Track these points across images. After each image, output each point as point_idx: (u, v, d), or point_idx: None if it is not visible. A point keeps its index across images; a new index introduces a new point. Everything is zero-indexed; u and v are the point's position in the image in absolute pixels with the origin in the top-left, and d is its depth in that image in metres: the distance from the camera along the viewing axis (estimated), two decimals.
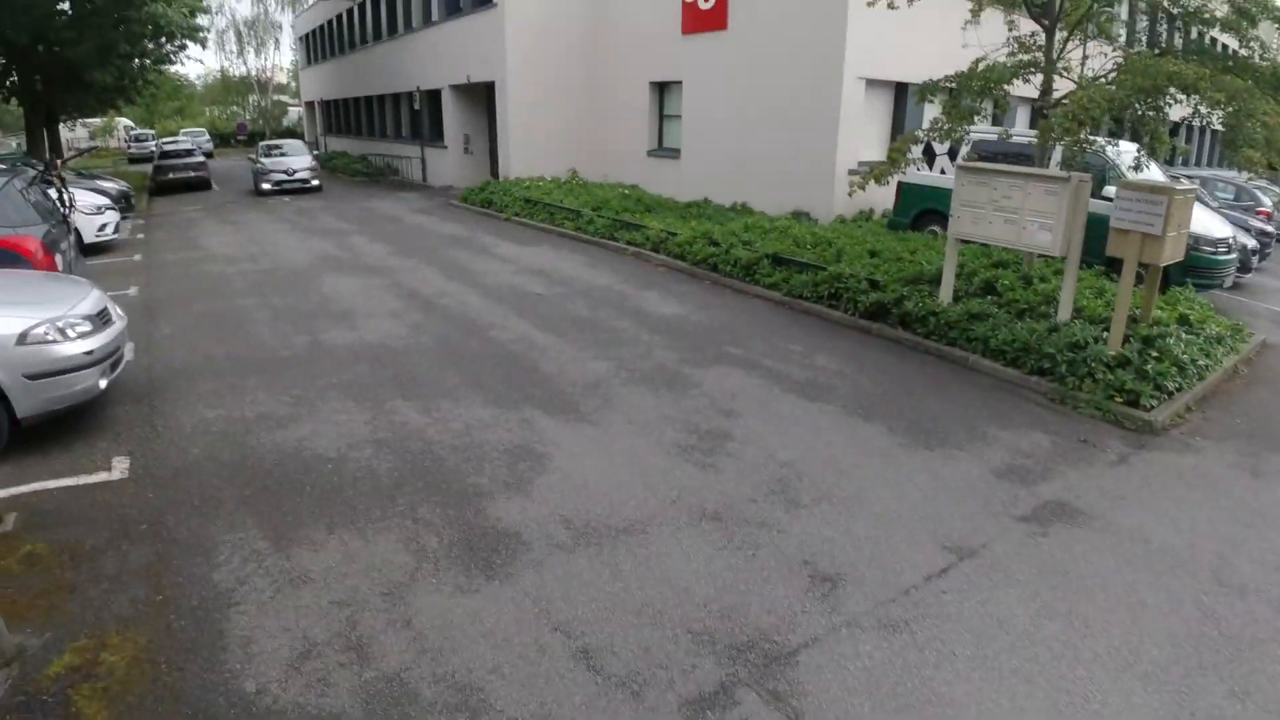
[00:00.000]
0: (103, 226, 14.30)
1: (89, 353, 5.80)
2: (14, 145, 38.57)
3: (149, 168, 29.09)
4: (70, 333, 5.77)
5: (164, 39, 23.31)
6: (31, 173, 8.95)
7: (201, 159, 27.47)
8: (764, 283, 10.50)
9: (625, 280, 11.17)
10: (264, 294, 10.39)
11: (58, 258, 8.30)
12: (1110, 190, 9.43)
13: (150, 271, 12.36)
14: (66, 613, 3.85)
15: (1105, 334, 7.34)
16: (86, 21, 21.35)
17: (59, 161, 9.35)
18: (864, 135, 15.85)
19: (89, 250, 13.95)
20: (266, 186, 23.17)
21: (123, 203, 19.11)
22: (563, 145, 21.21)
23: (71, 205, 9.58)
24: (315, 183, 23.84)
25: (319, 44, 41.27)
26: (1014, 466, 5.56)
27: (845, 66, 14.74)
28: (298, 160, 24.06)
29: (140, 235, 16.51)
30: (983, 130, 11.74)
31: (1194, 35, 14.69)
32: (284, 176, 23.27)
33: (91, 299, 6.32)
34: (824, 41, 14.95)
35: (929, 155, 13.02)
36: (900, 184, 13.09)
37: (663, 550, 4.36)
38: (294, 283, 11.05)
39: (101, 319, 6.18)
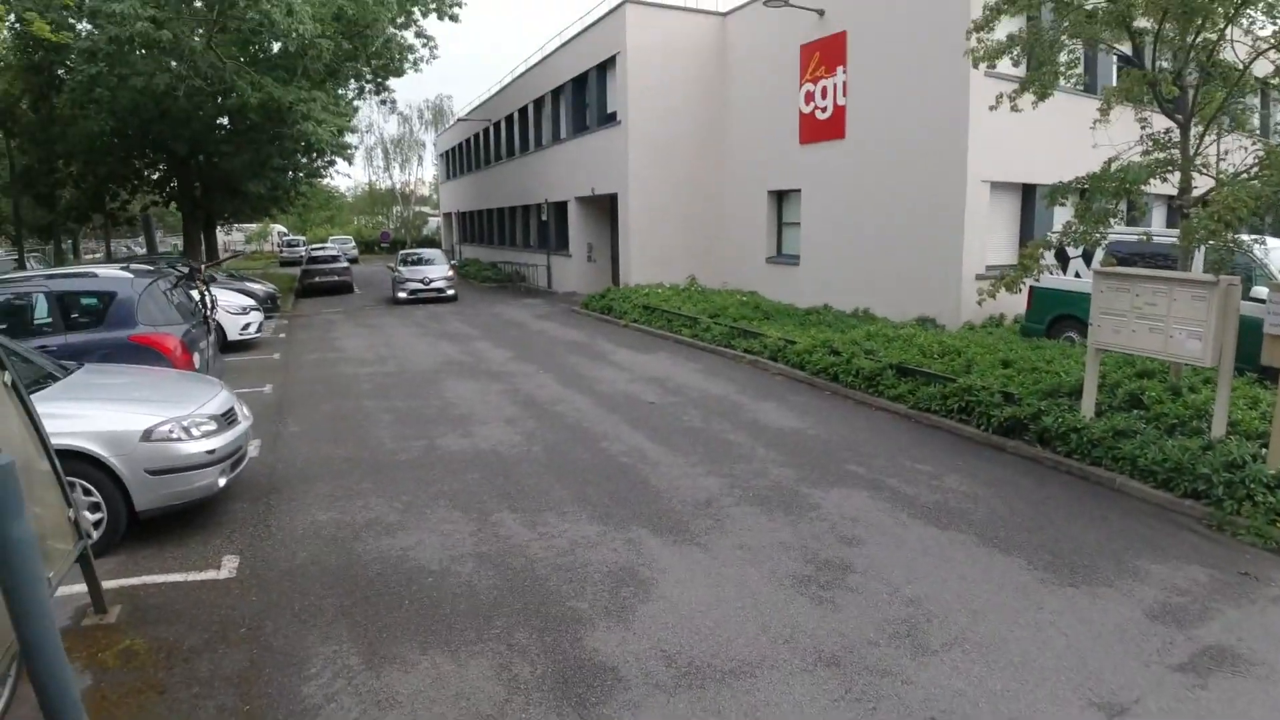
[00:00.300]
0: (246, 326, 15.27)
1: (210, 452, 5.96)
2: (172, 247, 42.38)
3: (298, 271, 31.36)
4: (194, 431, 5.95)
5: (314, 155, 25.38)
6: (175, 274, 9.60)
7: (345, 265, 29.37)
8: (888, 395, 10.01)
9: (741, 389, 10.92)
10: (388, 396, 10.70)
11: (195, 356, 8.79)
12: (1260, 291, 8.63)
13: (286, 370, 13.00)
14: (154, 715, 3.77)
15: (1264, 450, 6.51)
16: (243, 136, 23.57)
17: (202, 265, 9.99)
18: (990, 239, 15.38)
19: (233, 347, 14.93)
20: (403, 295, 23.82)
21: (268, 303, 20.54)
22: (681, 253, 21.53)
23: (213, 307, 10.21)
24: (450, 292, 24.24)
25: (457, 160, 44.18)
26: (1168, 606, 4.85)
27: (969, 170, 14.47)
28: (434, 270, 24.53)
29: (282, 335, 17.57)
30: (1120, 232, 11.07)
31: None
32: (420, 286, 23.94)
33: (219, 399, 6.56)
34: (945, 145, 14.74)
35: (1062, 258, 12.35)
36: (1032, 289, 12.50)
37: (772, 698, 3.93)
38: (417, 386, 11.36)
39: (227, 419, 6.38)
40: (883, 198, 16.31)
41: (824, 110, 17.87)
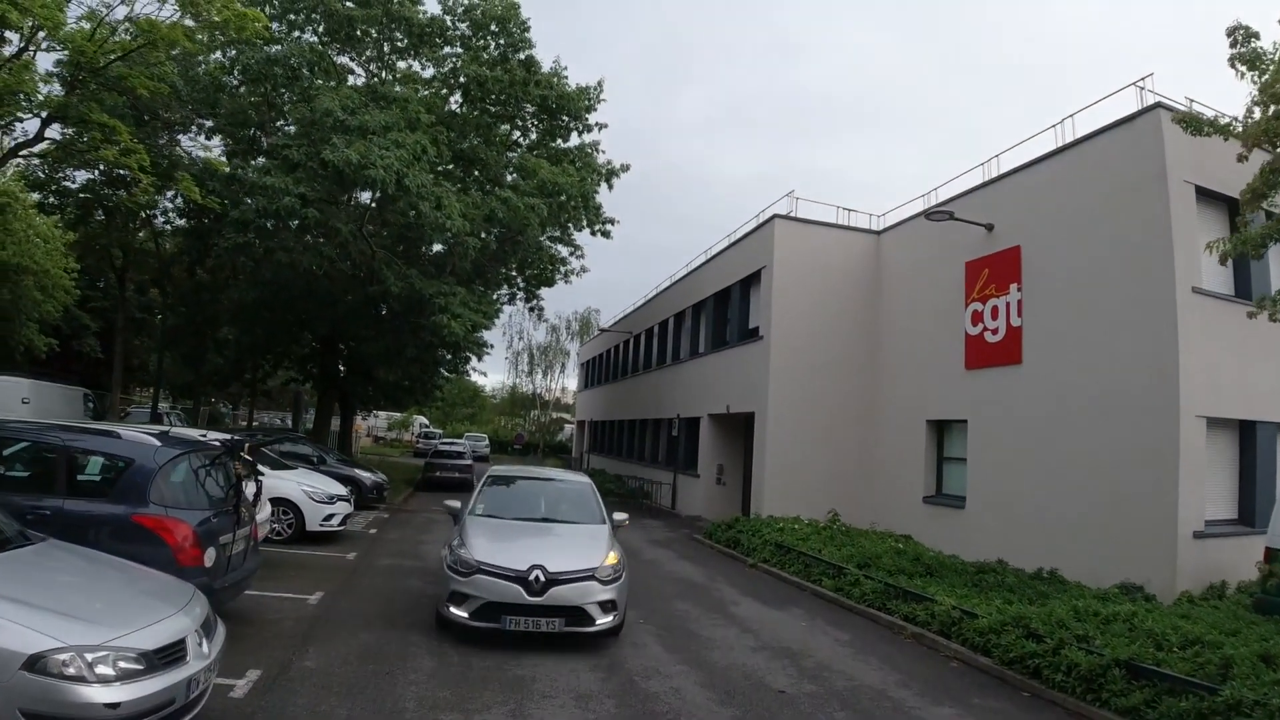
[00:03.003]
0: (329, 517, 13.79)
1: (113, 706, 4.15)
2: (278, 422, 43.15)
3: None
4: (102, 669, 4.20)
5: (449, 349, 25.14)
6: (216, 449, 8.09)
7: (469, 462, 28.46)
8: (1116, 705, 6.99)
9: (906, 680, 8.02)
10: (445, 633, 8.43)
11: (209, 552, 7.03)
12: None
13: (352, 576, 11.19)
14: None
15: None
16: (382, 323, 23.61)
17: (247, 444, 8.49)
18: (1211, 488, 12.38)
19: (310, 538, 13.42)
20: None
21: (374, 493, 19.41)
22: (823, 484, 18.97)
23: (258, 496, 8.61)
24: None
25: (597, 370, 44.31)
26: None
27: (1181, 404, 11.78)
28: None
29: (374, 530, 16.04)
30: None
31: None
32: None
33: (168, 625, 4.78)
34: (1149, 375, 12.30)
35: None
36: (1270, 550, 9.82)
37: None
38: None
39: (165, 656, 4.55)
40: (1071, 435, 13.59)
41: (995, 332, 15.67)
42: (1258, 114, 6.30)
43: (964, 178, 17.53)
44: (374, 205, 20.76)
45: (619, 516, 9.81)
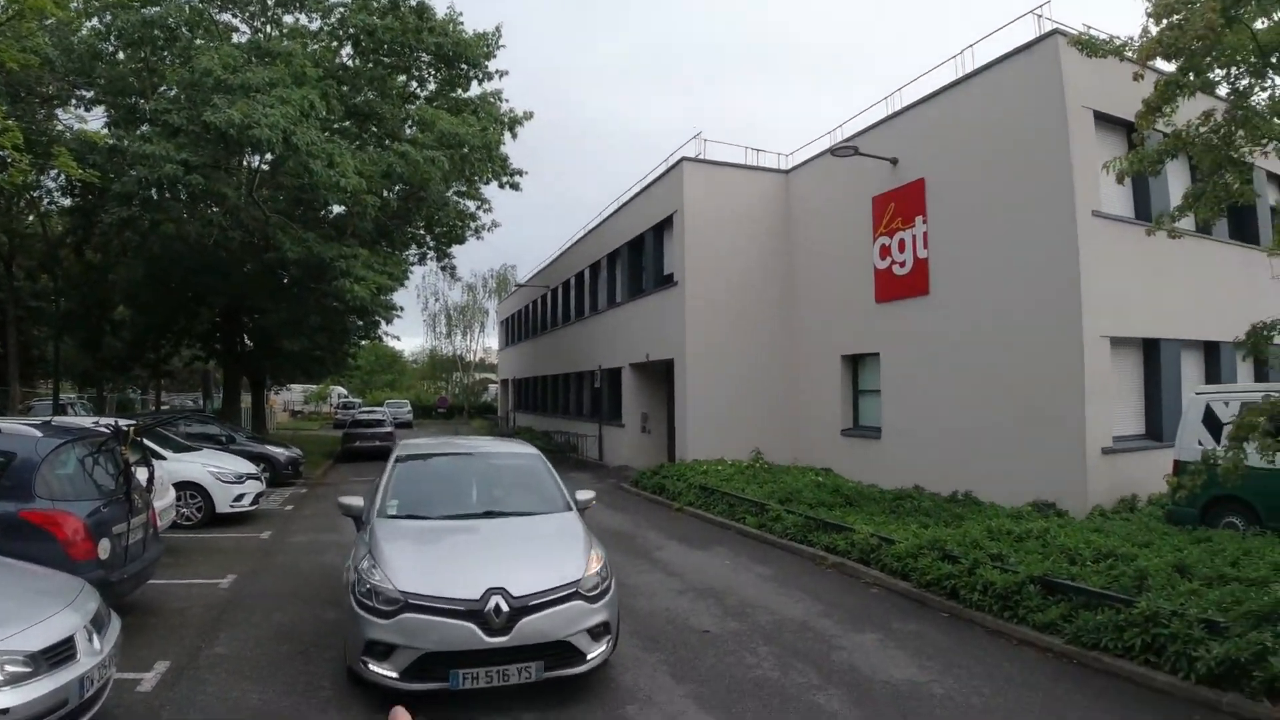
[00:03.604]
0: (239, 497, 13.29)
1: (2, 711, 3.93)
2: (189, 403, 41.74)
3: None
4: None
5: (357, 315, 24.37)
6: (101, 435, 7.61)
7: (390, 429, 27.85)
8: (1033, 621, 7.21)
9: (828, 610, 8.17)
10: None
11: (103, 544, 6.64)
12: None
13: (265, 556, 10.80)
14: None
15: None
16: (282, 292, 22.71)
17: (130, 427, 8.01)
18: (1117, 406, 12.85)
19: (220, 521, 12.93)
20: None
21: (289, 469, 18.85)
22: (746, 425, 19.17)
23: (151, 481, 8.16)
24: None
25: (516, 327, 43.78)
26: None
27: (1085, 326, 12.14)
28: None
29: (289, 507, 15.57)
30: None
31: None
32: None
33: (56, 624, 4.46)
34: (1054, 299, 12.61)
35: (1212, 425, 9.83)
36: (1178, 463, 9.99)
37: None
38: None
39: (52, 656, 4.26)
40: (979, 361, 13.95)
41: (902, 265, 15.92)
42: (1153, 29, 6.33)
43: (869, 112, 17.71)
44: (264, 168, 19.73)
45: (583, 495, 7.39)
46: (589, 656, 5.66)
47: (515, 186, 24.12)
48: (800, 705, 5.69)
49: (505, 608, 5.31)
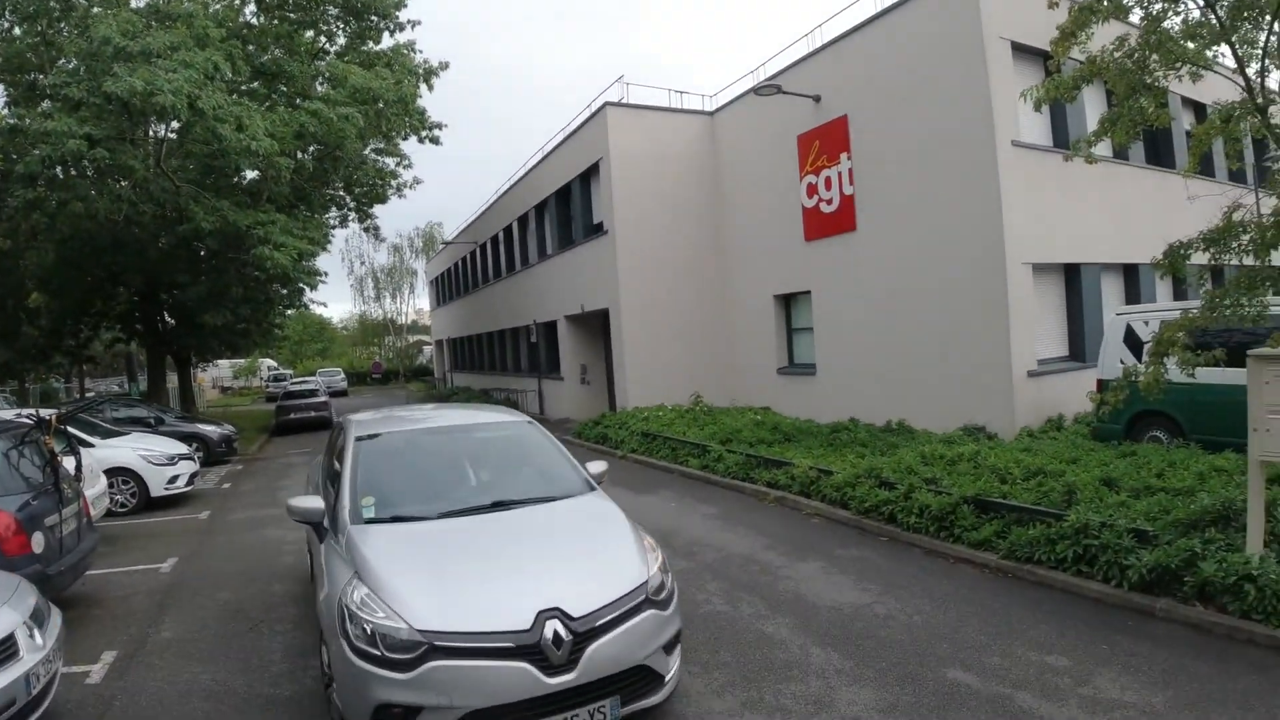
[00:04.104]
0: (174, 479, 12.95)
1: None
2: (115, 388, 40.46)
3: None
4: None
5: (279, 284, 23.65)
6: (24, 427, 7.34)
7: (324, 399, 27.35)
8: (969, 540, 7.54)
9: (772, 543, 8.40)
10: (307, 577, 8.12)
11: (36, 537, 6.46)
12: None
13: (205, 536, 10.56)
14: None
15: None
16: (200, 265, 21.88)
17: (52, 416, 7.73)
18: (1038, 329, 13.30)
19: (156, 505, 12.63)
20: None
21: (222, 447, 18.38)
22: (684, 370, 19.33)
23: (79, 469, 7.92)
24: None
25: (446, 286, 43.01)
26: None
27: (1007, 253, 12.48)
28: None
29: (226, 485, 15.20)
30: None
31: None
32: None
33: None
34: (976, 229, 12.88)
35: (1133, 344, 10.29)
36: (1101, 382, 10.44)
37: None
38: None
39: None
40: (906, 293, 14.26)
41: (829, 202, 16.08)
42: None
43: (792, 49, 17.60)
44: (171, 136, 18.79)
45: (595, 467, 6.09)
46: (667, 678, 4.44)
47: (435, 140, 23.48)
48: (750, 635, 5.87)
49: (566, 634, 4.01)
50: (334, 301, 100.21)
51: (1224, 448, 8.61)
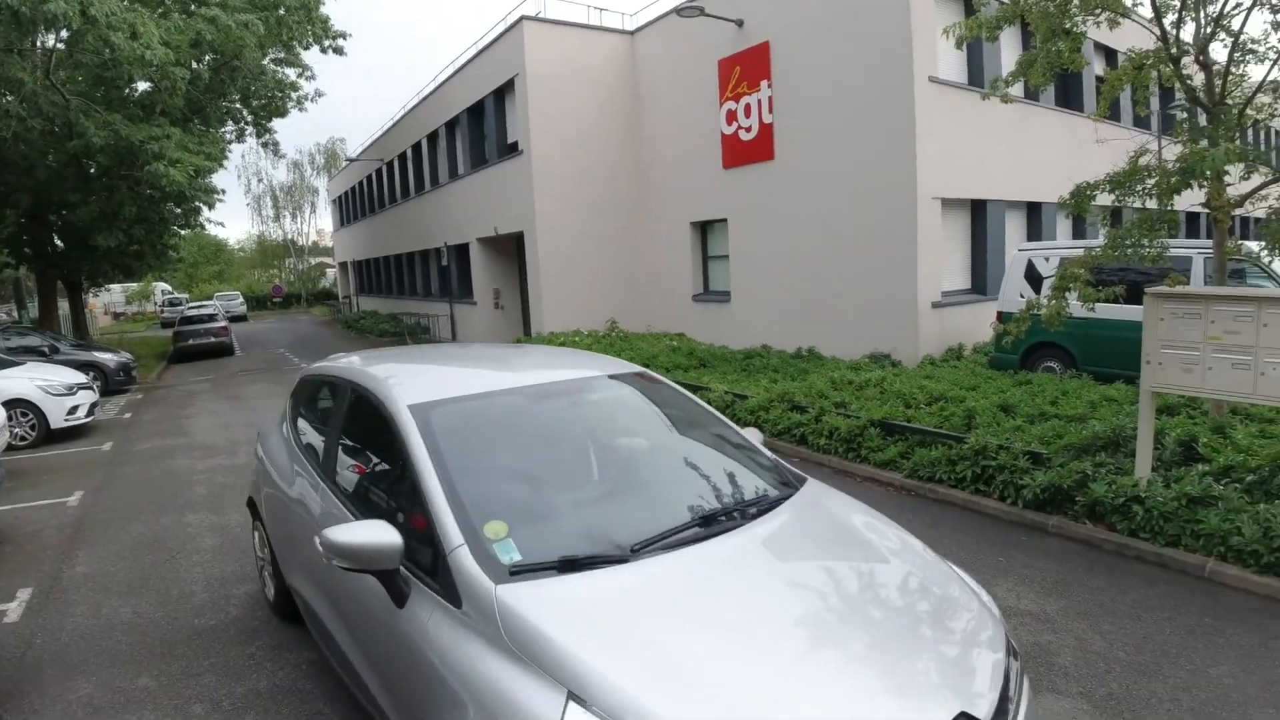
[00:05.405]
0: (73, 409, 12.38)
1: None
2: (3, 315, 38.17)
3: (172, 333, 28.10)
4: None
5: (175, 203, 22.38)
6: None
7: (223, 324, 26.41)
8: (875, 460, 7.98)
9: None
10: (222, 506, 8.04)
11: None
12: None
13: (110, 468, 10.19)
14: None
15: None
16: (92, 184, 20.48)
17: None
18: (946, 262, 13.79)
19: (57, 437, 12.12)
20: None
21: (120, 375, 17.60)
22: (600, 295, 19.35)
23: None
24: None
25: (351, 205, 41.33)
26: None
27: (918, 187, 12.83)
28: None
29: (128, 414, 14.60)
30: (1188, 244, 9.61)
31: None
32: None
33: None
34: (890, 162, 13.14)
35: (1033, 279, 10.87)
36: (1001, 314, 10.99)
37: None
38: None
39: None
40: (820, 223, 14.56)
41: (748, 130, 16.11)
42: None
43: None
44: (60, 46, 17.27)
45: (751, 434, 4.08)
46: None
47: (340, 51, 22.34)
48: None
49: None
50: (231, 222, 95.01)
51: (1114, 379, 9.20)
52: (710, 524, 3.12)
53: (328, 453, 4.20)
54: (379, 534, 2.81)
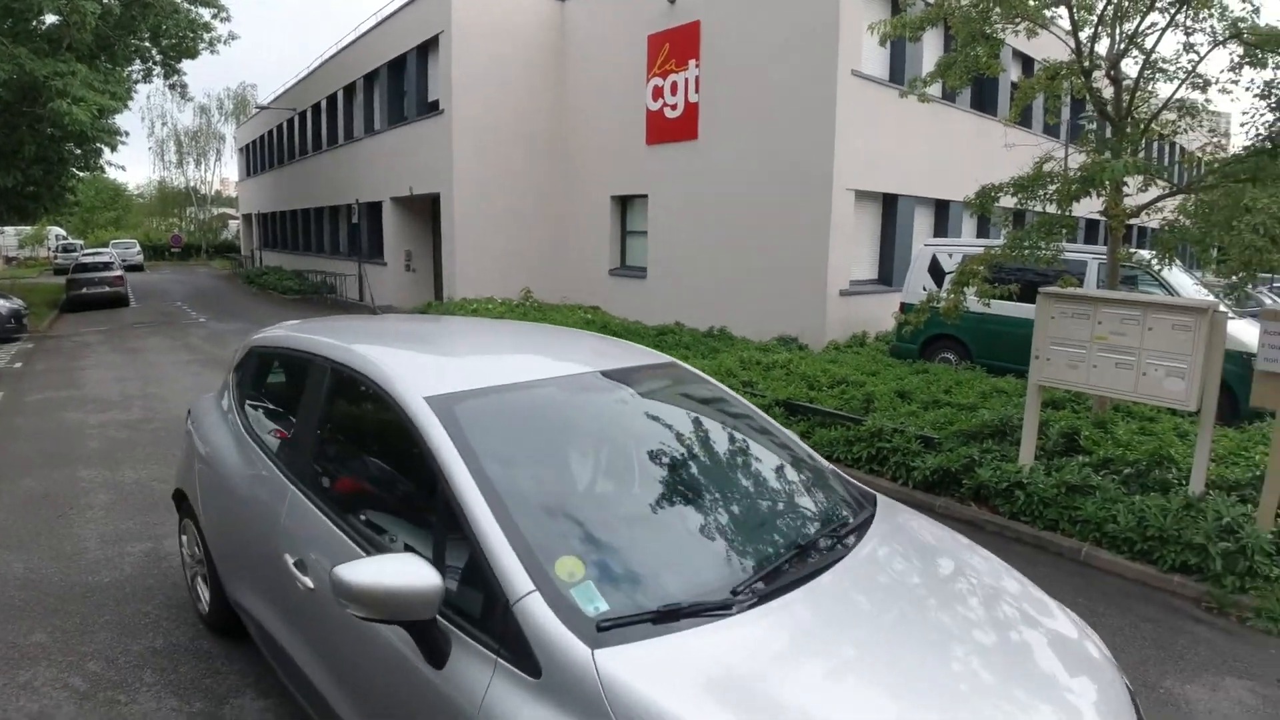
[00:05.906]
0: None
1: None
2: None
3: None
4: None
5: (77, 143, 21.10)
6: None
7: (119, 273, 25.24)
8: None
9: None
10: (116, 462, 7.78)
11: None
12: None
13: (1, 418, 9.70)
14: None
15: (1252, 510, 5.37)
16: None
17: None
18: (855, 251, 14.27)
19: None
20: None
21: (12, 322, 16.78)
22: (515, 263, 19.22)
23: None
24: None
25: (259, 155, 39.57)
26: None
27: (835, 178, 13.21)
28: None
29: (18, 364, 13.88)
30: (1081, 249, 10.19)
31: None
32: None
33: None
34: (809, 151, 13.45)
35: (936, 273, 11.40)
36: (904, 305, 11.38)
37: None
38: (161, 443, 8.39)
39: None
40: (738, 206, 14.83)
41: (674, 108, 16.21)
42: None
43: None
44: None
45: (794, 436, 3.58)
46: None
47: None
48: None
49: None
50: (132, 166, 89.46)
51: (1005, 372, 9.74)
52: (807, 555, 2.56)
53: (299, 449, 3.36)
54: (412, 574, 2.07)
